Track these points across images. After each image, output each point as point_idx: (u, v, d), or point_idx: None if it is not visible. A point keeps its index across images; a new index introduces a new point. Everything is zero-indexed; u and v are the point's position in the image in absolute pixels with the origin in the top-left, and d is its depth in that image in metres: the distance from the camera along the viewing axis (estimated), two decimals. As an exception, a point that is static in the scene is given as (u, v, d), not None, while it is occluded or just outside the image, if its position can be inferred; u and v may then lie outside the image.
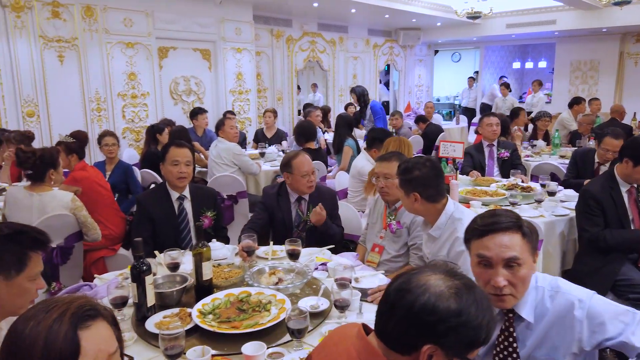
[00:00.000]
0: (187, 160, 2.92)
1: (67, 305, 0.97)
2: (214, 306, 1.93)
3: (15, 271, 1.41)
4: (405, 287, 1.07)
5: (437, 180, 2.17)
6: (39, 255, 1.48)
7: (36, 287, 1.48)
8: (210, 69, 7.05)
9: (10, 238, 1.42)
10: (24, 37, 5.14)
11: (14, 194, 3.15)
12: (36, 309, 0.97)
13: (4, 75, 5.06)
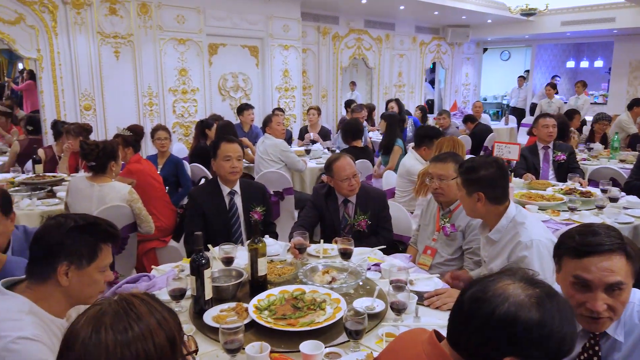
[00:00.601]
0: (239, 156, 2.95)
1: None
2: (269, 302, 1.93)
3: (87, 261, 1.45)
4: (482, 296, 1.02)
5: (503, 181, 2.10)
6: (109, 247, 1.51)
7: (104, 279, 1.52)
8: (257, 66, 7.12)
9: (84, 229, 1.46)
10: (83, 33, 5.34)
11: (76, 183, 3.27)
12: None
13: (64, 69, 5.27)
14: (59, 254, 1.43)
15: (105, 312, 0.89)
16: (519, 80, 11.49)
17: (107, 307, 0.90)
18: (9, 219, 1.95)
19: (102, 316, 0.88)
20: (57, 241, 1.43)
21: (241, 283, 2.11)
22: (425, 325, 1.78)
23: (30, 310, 1.39)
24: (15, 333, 1.31)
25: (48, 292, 1.44)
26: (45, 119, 5.28)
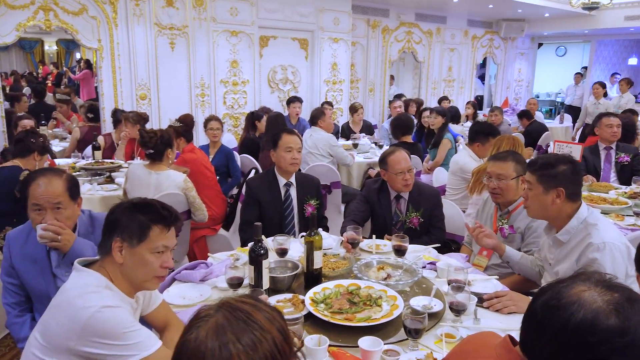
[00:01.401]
0: (299, 147, 2.97)
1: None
2: (324, 295, 1.94)
3: (137, 240, 1.47)
4: (555, 303, 0.97)
5: (579, 177, 2.03)
6: (162, 229, 1.50)
7: (161, 264, 1.51)
8: (306, 59, 7.13)
9: (138, 208, 1.51)
10: (141, 24, 5.50)
11: (135, 171, 3.38)
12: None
13: (122, 60, 5.45)
14: (115, 230, 1.49)
15: (221, 324, 0.87)
16: (575, 77, 10.99)
17: (222, 319, 0.87)
18: (77, 204, 2.04)
19: (222, 328, 0.86)
20: (115, 218, 1.51)
21: (296, 275, 2.12)
22: (485, 328, 1.74)
23: (106, 285, 1.47)
24: (99, 302, 1.38)
25: (110, 268, 1.50)
26: (103, 107, 5.48)
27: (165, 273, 1.54)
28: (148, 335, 1.43)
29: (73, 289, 1.44)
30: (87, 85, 10.81)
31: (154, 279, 1.52)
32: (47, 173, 1.99)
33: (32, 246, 1.99)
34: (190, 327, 0.90)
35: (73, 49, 14.31)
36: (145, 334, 1.43)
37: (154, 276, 1.51)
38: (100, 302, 1.39)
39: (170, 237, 1.53)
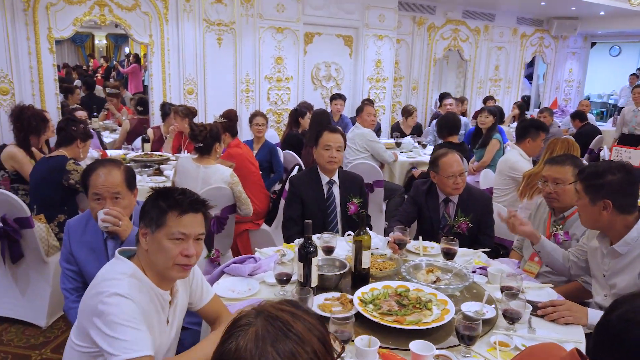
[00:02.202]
0: (339, 146, 2.96)
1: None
2: (373, 296, 1.92)
3: (156, 226, 1.49)
4: (633, 318, 0.93)
5: (633, 188, 1.92)
6: (177, 214, 1.48)
7: (180, 251, 1.48)
8: (350, 56, 7.10)
9: (158, 196, 1.53)
10: (190, 20, 5.61)
11: (183, 164, 3.46)
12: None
13: (171, 55, 5.58)
14: (142, 217, 1.54)
15: (261, 336, 0.85)
16: (630, 78, 10.48)
17: (262, 329, 0.86)
18: (133, 194, 2.10)
19: (262, 339, 0.84)
20: (143, 207, 1.55)
21: (344, 274, 2.11)
22: (542, 338, 1.68)
23: (133, 273, 1.49)
24: (111, 289, 1.42)
25: (144, 259, 1.53)
26: (152, 101, 5.63)
27: (188, 262, 1.50)
28: (139, 339, 1.38)
29: (101, 275, 1.51)
30: (135, 79, 11.15)
31: (175, 267, 1.49)
32: (107, 164, 2.07)
33: (90, 234, 2.07)
34: (230, 335, 0.88)
35: (121, 43, 14.78)
36: (137, 337, 1.37)
37: (174, 264, 1.49)
38: (113, 289, 1.42)
39: (188, 223, 1.49)
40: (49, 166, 3.19)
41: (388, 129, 7.36)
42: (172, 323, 1.61)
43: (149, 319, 1.48)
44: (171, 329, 1.61)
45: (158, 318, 1.53)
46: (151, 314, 1.50)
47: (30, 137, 3.57)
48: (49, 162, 3.22)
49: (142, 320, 1.42)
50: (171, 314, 1.60)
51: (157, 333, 1.52)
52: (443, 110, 6.45)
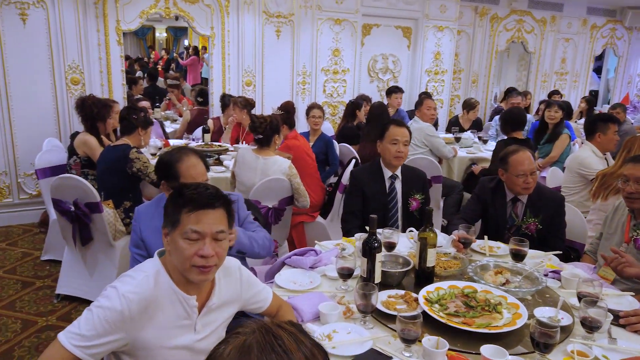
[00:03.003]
0: (406, 140, 2.89)
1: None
2: (439, 296, 1.86)
3: (172, 226, 1.42)
4: None
5: None
6: (189, 212, 1.40)
7: (196, 251, 1.39)
8: (408, 48, 6.95)
9: (175, 195, 1.47)
10: (250, 13, 5.66)
11: (244, 155, 3.50)
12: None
13: (231, 47, 5.66)
14: (164, 217, 1.48)
15: (250, 346, 0.81)
16: None
17: (252, 340, 0.82)
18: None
19: (249, 350, 0.81)
20: (164, 206, 1.49)
21: (407, 271, 2.06)
22: (625, 351, 1.56)
23: (155, 272, 1.44)
24: (118, 283, 1.40)
25: (169, 260, 1.47)
26: (212, 92, 5.74)
27: (205, 263, 1.39)
28: (86, 339, 1.31)
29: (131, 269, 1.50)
30: (194, 70, 11.46)
31: (192, 269, 1.40)
32: (191, 154, 2.14)
33: (159, 219, 2.11)
34: (223, 340, 0.86)
35: (180, 36, 15.20)
36: (87, 335, 1.31)
37: (191, 265, 1.39)
38: (119, 284, 1.39)
39: (202, 221, 1.39)
40: (113, 155, 3.32)
41: (445, 123, 7.16)
42: (202, 331, 1.50)
43: (158, 319, 1.41)
44: (199, 335, 1.49)
45: (181, 322, 1.46)
46: (166, 313, 1.43)
47: (97, 124, 3.74)
48: (114, 150, 3.34)
49: (116, 330, 1.33)
50: (201, 322, 1.49)
51: (171, 335, 1.44)
52: (508, 107, 6.19)
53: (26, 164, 4.76)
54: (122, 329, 1.34)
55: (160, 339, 1.42)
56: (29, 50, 4.61)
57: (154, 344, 1.41)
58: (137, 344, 1.39)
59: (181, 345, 1.46)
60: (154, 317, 1.40)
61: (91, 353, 1.32)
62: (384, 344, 1.61)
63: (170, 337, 1.44)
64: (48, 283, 3.65)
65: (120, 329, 1.34)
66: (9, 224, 4.77)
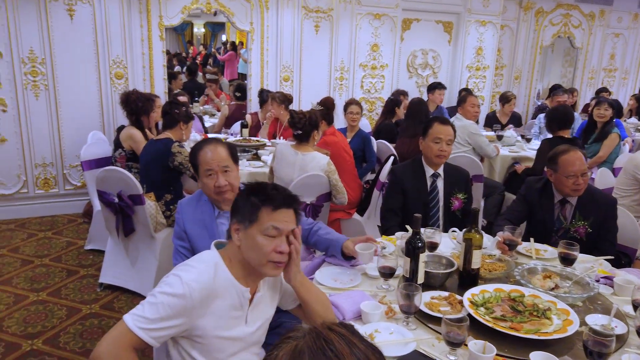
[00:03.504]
0: (449, 139, 2.82)
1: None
2: (484, 299, 1.80)
3: (249, 222, 1.46)
4: None
5: None
6: (271, 210, 1.45)
7: (274, 247, 1.45)
8: (449, 43, 6.80)
9: (250, 191, 1.50)
10: (289, 8, 5.66)
11: (282, 150, 3.50)
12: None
13: (270, 42, 5.68)
14: (235, 213, 1.51)
15: (302, 351, 0.81)
16: None
17: (303, 345, 0.82)
18: (237, 168, 2.20)
19: (300, 355, 0.80)
20: (235, 202, 1.53)
21: (451, 273, 2.01)
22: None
23: (215, 264, 1.48)
24: (180, 272, 1.43)
25: (232, 252, 1.52)
26: (250, 88, 5.78)
27: (281, 259, 1.48)
28: (152, 322, 1.35)
29: (189, 259, 1.54)
30: (231, 65, 11.58)
31: (268, 264, 1.46)
32: (211, 141, 2.19)
33: (201, 212, 2.15)
34: (275, 346, 0.85)
35: (218, 31, 15.40)
36: (153, 318, 1.35)
37: (267, 260, 1.46)
38: (187, 275, 1.41)
39: (281, 218, 1.46)
40: (156, 149, 3.38)
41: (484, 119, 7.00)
42: (252, 323, 1.55)
43: (215, 308, 1.45)
44: (250, 327, 1.55)
45: (235, 313, 1.50)
46: (223, 304, 1.47)
47: (141, 118, 3.82)
48: (156, 144, 3.40)
49: (178, 316, 1.38)
50: (250, 314, 1.54)
51: (225, 325, 1.48)
52: (553, 104, 5.97)
53: (71, 156, 4.92)
54: (183, 315, 1.39)
55: (216, 329, 1.46)
56: (76, 45, 4.75)
57: (209, 333, 1.45)
58: (195, 331, 1.44)
59: (234, 336, 1.50)
60: (212, 306, 1.44)
61: (153, 336, 1.37)
62: (427, 346, 1.57)
63: (224, 327, 1.48)
64: (91, 272, 3.76)
65: (182, 315, 1.39)
66: (54, 214, 4.95)
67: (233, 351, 1.51)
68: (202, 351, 1.47)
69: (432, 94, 5.96)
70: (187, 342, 1.47)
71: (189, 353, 1.47)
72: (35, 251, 4.10)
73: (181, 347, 1.48)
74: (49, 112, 4.76)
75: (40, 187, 4.90)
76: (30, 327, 3.03)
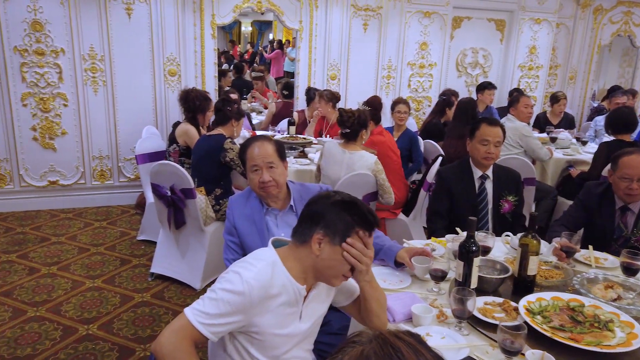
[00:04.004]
0: (497, 141, 2.75)
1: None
2: (541, 307, 1.74)
3: (340, 239, 1.45)
4: None
5: None
6: (365, 233, 1.47)
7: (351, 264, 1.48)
8: (501, 41, 6.61)
9: (346, 207, 1.46)
10: (338, 6, 5.66)
11: (330, 148, 3.51)
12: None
13: (319, 40, 5.69)
14: (319, 222, 1.46)
15: (368, 356, 0.80)
16: None
17: (370, 350, 0.81)
18: (284, 164, 2.21)
19: (366, 359, 0.80)
20: (321, 210, 1.47)
21: (505, 278, 1.95)
22: None
23: (272, 262, 1.47)
24: (240, 269, 1.44)
25: (300, 255, 1.49)
26: (297, 86, 5.82)
27: (351, 274, 1.52)
28: (213, 317, 1.38)
29: (246, 255, 1.54)
30: (277, 64, 11.71)
31: (341, 277, 1.50)
32: (259, 138, 2.23)
33: (250, 208, 2.19)
34: (339, 350, 0.84)
35: (265, 29, 15.60)
36: (213, 314, 1.38)
37: (342, 274, 1.49)
38: (247, 272, 1.42)
39: (369, 243, 1.49)
40: (209, 144, 3.46)
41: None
42: (306, 319, 1.56)
43: (272, 306, 1.45)
44: (304, 324, 1.56)
45: (289, 310, 1.50)
46: (279, 302, 1.47)
47: (197, 116, 3.94)
48: (209, 140, 3.49)
49: (237, 313, 1.40)
50: (304, 310, 1.55)
51: (281, 322, 1.49)
52: (610, 107, 5.70)
53: (126, 150, 5.12)
54: (242, 312, 1.41)
55: (272, 326, 1.47)
56: (133, 43, 4.93)
57: (266, 330, 1.47)
58: (252, 327, 1.46)
59: (289, 333, 1.51)
60: (269, 304, 1.45)
61: (212, 331, 1.40)
62: (481, 353, 1.54)
63: (280, 325, 1.49)
64: (143, 262, 3.90)
65: (241, 312, 1.41)
66: (109, 205, 5.16)
67: (287, 348, 1.53)
68: (258, 347, 1.49)
69: (482, 93, 5.81)
70: (244, 338, 1.49)
71: (245, 348, 1.50)
72: (91, 240, 4.29)
73: (238, 342, 1.50)
74: (106, 107, 4.97)
75: (97, 179, 5.12)
76: (86, 313, 3.17)
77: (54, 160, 4.93)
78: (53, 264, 3.81)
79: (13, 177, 4.85)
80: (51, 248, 4.09)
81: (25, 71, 4.64)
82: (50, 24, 4.62)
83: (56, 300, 3.30)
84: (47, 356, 2.73)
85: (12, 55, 4.57)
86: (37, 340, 2.87)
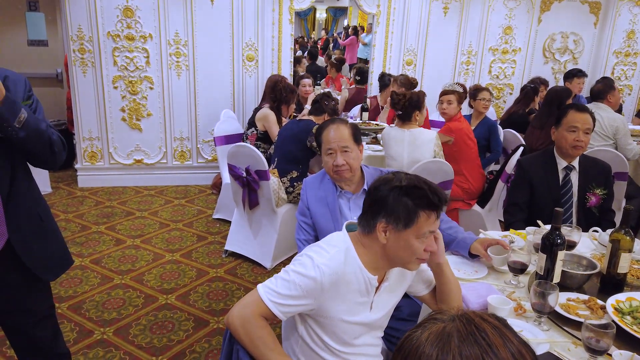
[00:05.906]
0: (587, 128, 2.55)
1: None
2: (631, 307, 1.61)
3: (403, 225, 1.39)
4: None
5: None
6: (430, 215, 1.40)
7: (425, 247, 1.43)
8: (595, 25, 6.12)
9: (406, 192, 1.39)
10: (418, -11, 5.52)
11: (388, 132, 3.59)
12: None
13: (396, 25, 5.58)
14: (381, 210, 1.42)
15: (450, 334, 0.77)
16: None
17: (452, 328, 0.78)
18: (359, 148, 2.21)
19: (449, 338, 0.76)
20: (382, 197, 1.42)
21: (592, 275, 1.82)
22: None
23: (345, 249, 1.46)
24: (313, 253, 1.44)
25: (368, 242, 1.47)
26: (372, 71, 5.76)
27: (427, 256, 1.47)
28: (284, 297, 1.40)
29: (321, 240, 1.54)
30: (351, 50, 11.64)
31: (416, 261, 1.46)
32: (335, 121, 2.24)
33: (324, 190, 2.21)
34: (419, 325, 0.82)
35: (339, 16, 15.56)
36: (285, 294, 1.40)
37: (416, 258, 1.45)
38: (319, 258, 1.42)
39: (437, 222, 1.44)
40: (298, 126, 3.64)
41: (632, 112, 6.22)
42: (376, 310, 1.54)
43: (342, 293, 1.45)
44: (374, 314, 1.54)
45: (360, 299, 1.49)
46: (350, 289, 1.46)
47: (282, 106, 4.09)
48: (300, 123, 3.68)
49: (307, 296, 1.41)
50: (376, 299, 1.53)
51: (351, 310, 1.48)
52: None
53: (204, 132, 5.34)
54: (312, 296, 1.42)
55: (341, 312, 1.47)
56: (214, 29, 5.10)
57: (335, 315, 1.47)
58: (321, 312, 1.47)
59: (358, 321, 1.51)
60: (340, 290, 1.45)
61: (282, 311, 1.42)
62: (563, 350, 1.45)
63: (349, 312, 1.48)
64: (217, 239, 4.07)
65: (311, 296, 1.42)
66: (187, 184, 5.42)
67: (356, 335, 1.52)
68: (327, 331, 1.50)
69: (570, 82, 5.41)
70: (314, 321, 1.50)
71: (315, 331, 1.51)
72: (171, 216, 4.54)
73: (308, 324, 1.51)
74: (188, 90, 5.20)
75: (177, 159, 5.40)
76: (165, 284, 3.37)
77: (139, 140, 5.24)
78: (137, 236, 4.08)
79: (104, 155, 5.22)
80: (135, 222, 4.37)
81: (117, 55, 4.96)
82: (140, 10, 4.89)
83: (139, 270, 3.53)
84: (130, 321, 2.94)
85: (106, 40, 4.90)
86: (121, 305, 3.10)
